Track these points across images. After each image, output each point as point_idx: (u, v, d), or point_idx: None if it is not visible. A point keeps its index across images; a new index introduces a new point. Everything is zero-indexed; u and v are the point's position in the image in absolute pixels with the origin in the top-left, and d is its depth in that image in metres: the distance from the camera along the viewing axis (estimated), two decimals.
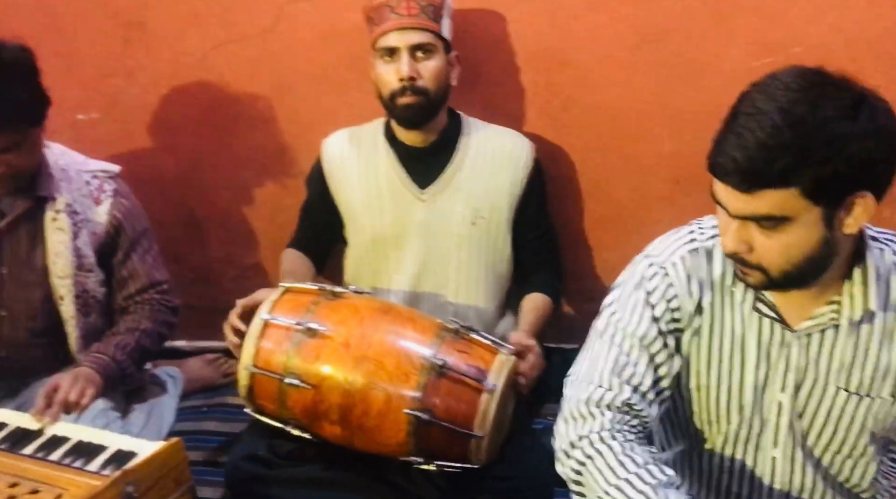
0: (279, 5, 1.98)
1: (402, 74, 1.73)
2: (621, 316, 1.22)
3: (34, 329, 1.78)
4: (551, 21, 1.92)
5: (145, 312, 1.83)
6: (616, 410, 1.16)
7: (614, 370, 1.18)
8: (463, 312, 1.89)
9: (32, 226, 1.73)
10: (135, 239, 1.83)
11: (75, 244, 1.75)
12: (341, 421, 1.52)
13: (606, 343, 1.21)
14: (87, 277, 1.79)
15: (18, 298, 1.76)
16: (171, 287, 1.89)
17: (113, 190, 1.80)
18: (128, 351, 1.75)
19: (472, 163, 1.85)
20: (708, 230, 1.23)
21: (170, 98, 2.09)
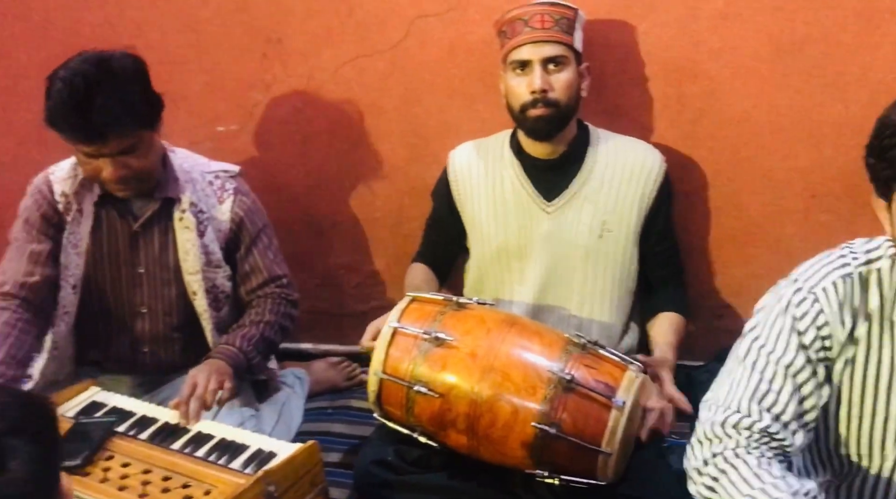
0: (410, 20, 2.02)
1: (535, 87, 1.74)
2: (765, 342, 1.17)
3: (172, 324, 1.88)
4: (683, 32, 1.88)
5: (268, 305, 1.90)
6: (753, 432, 1.12)
7: (754, 397, 1.14)
8: (587, 326, 1.87)
9: (163, 226, 1.82)
10: (255, 235, 1.90)
11: (202, 242, 1.83)
12: (468, 431, 1.53)
13: (748, 369, 1.17)
14: (216, 273, 1.87)
15: (156, 296, 1.86)
16: (290, 281, 1.96)
17: (234, 188, 1.88)
18: (253, 342, 1.83)
19: (601, 174, 1.84)
20: (861, 255, 1.17)
21: (303, 111, 2.18)
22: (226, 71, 2.16)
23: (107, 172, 1.66)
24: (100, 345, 1.91)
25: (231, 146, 2.23)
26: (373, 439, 1.71)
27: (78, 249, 1.81)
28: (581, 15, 1.79)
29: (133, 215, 1.81)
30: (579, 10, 1.78)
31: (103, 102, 1.56)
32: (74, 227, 1.80)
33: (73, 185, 1.79)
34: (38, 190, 1.82)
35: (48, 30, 2.19)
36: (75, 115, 1.57)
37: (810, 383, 1.14)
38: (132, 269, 1.84)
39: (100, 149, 1.62)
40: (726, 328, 2.13)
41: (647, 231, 1.86)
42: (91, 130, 1.58)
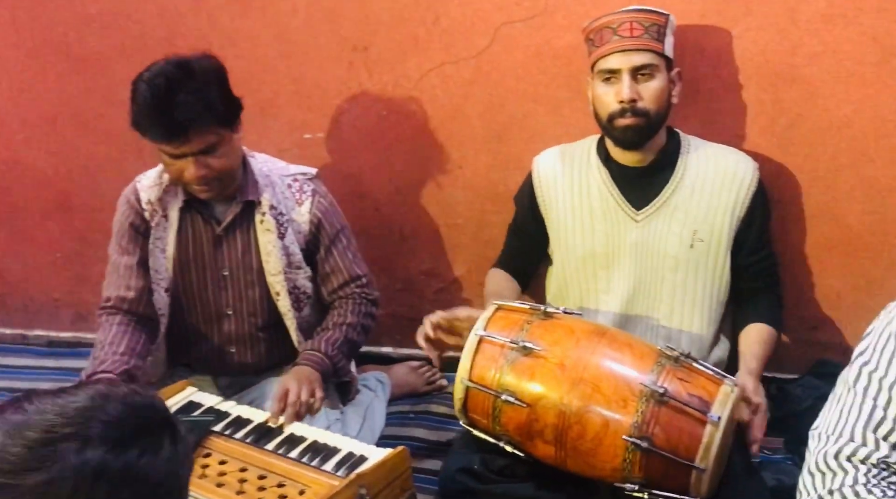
0: (496, 27, 2.02)
1: (623, 97, 1.70)
2: (876, 367, 1.12)
3: (257, 325, 1.93)
4: (781, 35, 1.82)
5: (349, 306, 1.93)
6: (871, 465, 1.07)
7: (868, 425, 1.09)
8: (676, 337, 1.83)
9: (245, 229, 1.86)
10: (334, 236, 1.93)
11: (283, 243, 1.86)
12: (556, 442, 1.52)
13: (859, 395, 1.12)
14: (297, 274, 1.90)
15: (241, 297, 1.91)
16: (370, 280, 1.98)
17: (312, 190, 1.90)
18: (338, 345, 1.86)
19: (692, 183, 1.79)
20: None
21: (387, 118, 2.20)
22: (313, 79, 2.20)
23: (189, 172, 1.70)
24: (189, 346, 1.98)
25: (316, 153, 2.27)
26: (458, 447, 1.71)
27: (165, 254, 1.87)
28: (672, 20, 1.74)
29: (216, 220, 1.86)
30: (671, 16, 1.73)
31: (184, 100, 1.62)
32: (161, 232, 1.86)
33: (158, 192, 1.85)
34: (126, 199, 1.90)
35: (144, 40, 2.27)
36: (158, 113, 1.63)
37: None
38: (217, 272, 1.89)
39: (182, 148, 1.67)
40: (822, 341, 2.05)
41: (741, 241, 1.80)
42: (173, 128, 1.63)
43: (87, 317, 2.60)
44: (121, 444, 0.79)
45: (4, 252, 2.61)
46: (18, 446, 0.76)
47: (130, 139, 2.35)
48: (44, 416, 0.78)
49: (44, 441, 0.77)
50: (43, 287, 2.63)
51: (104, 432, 0.79)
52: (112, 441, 0.79)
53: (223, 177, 1.76)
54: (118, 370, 1.74)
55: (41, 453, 0.76)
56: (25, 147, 2.47)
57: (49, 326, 2.67)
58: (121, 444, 0.79)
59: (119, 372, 1.73)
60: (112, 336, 1.82)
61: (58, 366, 2.53)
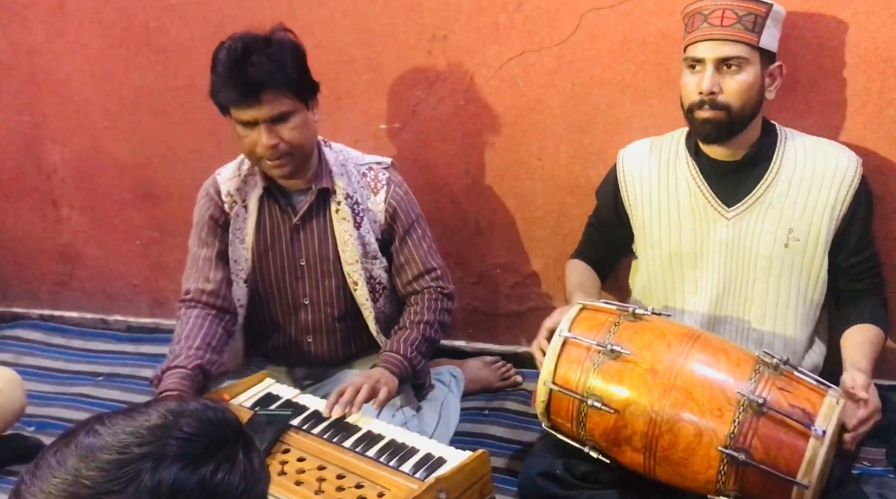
0: (581, 13, 1.94)
1: (703, 88, 1.62)
2: None
3: (334, 315, 1.92)
4: (894, 19, 1.69)
5: (425, 302, 1.90)
6: None
7: None
8: (768, 341, 1.75)
9: (321, 219, 1.86)
10: (409, 225, 1.90)
11: (359, 232, 1.85)
12: (644, 450, 1.46)
13: None
14: (373, 264, 1.89)
15: (317, 287, 1.90)
16: (444, 273, 1.95)
17: (387, 179, 1.88)
18: (416, 346, 1.83)
19: (788, 179, 1.69)
20: None
21: (465, 108, 2.15)
22: (391, 68, 2.16)
23: (262, 141, 1.69)
24: (267, 336, 1.98)
25: (393, 144, 2.24)
26: (539, 450, 1.67)
27: (245, 244, 1.87)
28: (778, 10, 1.63)
29: (293, 209, 1.86)
30: (775, 6, 1.62)
31: (258, 61, 1.65)
32: (240, 222, 1.86)
33: (238, 182, 1.86)
34: (206, 192, 1.91)
35: (224, 29, 2.25)
36: (233, 74, 1.66)
37: None
38: (294, 261, 1.88)
39: (254, 111, 1.67)
40: None
41: (841, 241, 1.70)
42: (246, 88, 1.65)
43: (165, 303, 2.64)
44: (195, 460, 0.78)
45: (86, 239, 2.67)
46: (93, 470, 0.75)
47: (210, 128, 2.39)
48: (117, 437, 0.78)
49: (119, 463, 0.76)
50: (122, 273, 2.68)
51: (178, 450, 0.78)
52: (186, 458, 0.78)
53: (295, 152, 1.74)
54: (191, 365, 1.74)
55: (116, 475, 0.75)
56: (107, 136, 2.51)
57: (128, 311, 2.72)
58: (195, 460, 0.78)
59: (192, 367, 1.74)
60: (189, 330, 1.83)
61: (137, 351, 2.57)
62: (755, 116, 1.68)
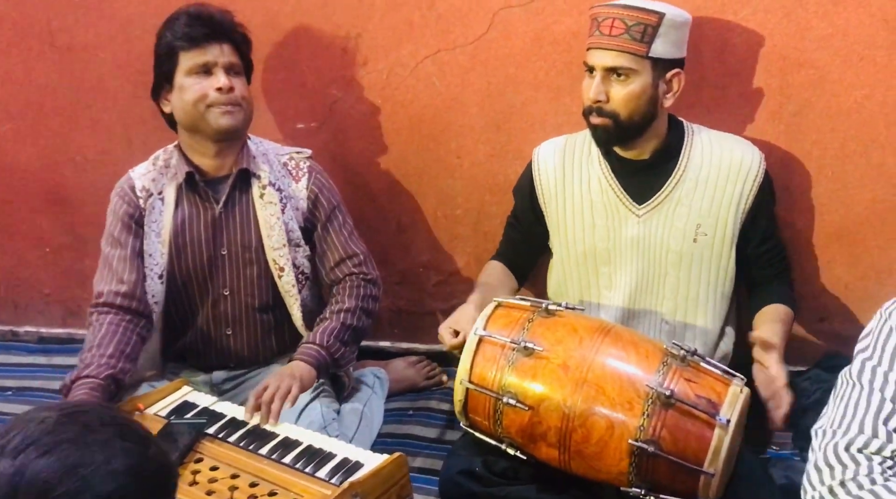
0: (493, 11, 1.95)
1: (590, 96, 1.65)
2: (879, 362, 1.09)
3: (255, 305, 1.89)
4: (788, 19, 1.75)
5: (346, 290, 1.88)
6: (885, 457, 1.03)
7: (878, 417, 1.06)
8: (680, 332, 1.79)
9: (244, 205, 1.84)
10: (330, 212, 1.90)
11: (283, 219, 1.84)
12: (559, 444, 1.48)
13: (866, 388, 1.09)
14: (297, 252, 1.87)
15: (238, 276, 1.87)
16: (367, 259, 1.94)
17: (308, 167, 1.90)
18: (335, 335, 1.81)
19: (695, 176, 1.73)
20: None
21: (382, 107, 2.13)
22: (305, 67, 2.13)
23: (219, 82, 1.74)
24: (184, 333, 1.93)
25: (310, 143, 2.19)
26: (458, 449, 1.67)
27: (161, 237, 1.84)
28: (674, 18, 1.62)
29: (215, 198, 1.83)
30: (669, 14, 1.61)
31: (219, 14, 1.80)
32: (156, 215, 1.83)
33: (153, 175, 1.84)
34: (120, 190, 1.87)
35: (131, 29, 2.20)
36: (198, 16, 1.76)
37: None
38: (215, 251, 1.85)
39: (216, 52, 1.76)
40: (830, 332, 2.01)
41: (748, 233, 1.75)
42: (212, 26, 1.76)
43: (79, 313, 2.55)
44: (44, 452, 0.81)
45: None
46: None
47: (120, 131, 2.32)
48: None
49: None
50: (32, 282, 2.58)
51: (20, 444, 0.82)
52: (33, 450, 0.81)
53: (244, 106, 1.79)
54: (102, 374, 1.69)
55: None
56: (11, 139, 2.40)
57: (39, 322, 2.62)
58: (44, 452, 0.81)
59: (104, 376, 1.68)
60: (101, 337, 1.77)
61: (49, 363, 2.48)
62: (649, 123, 1.69)
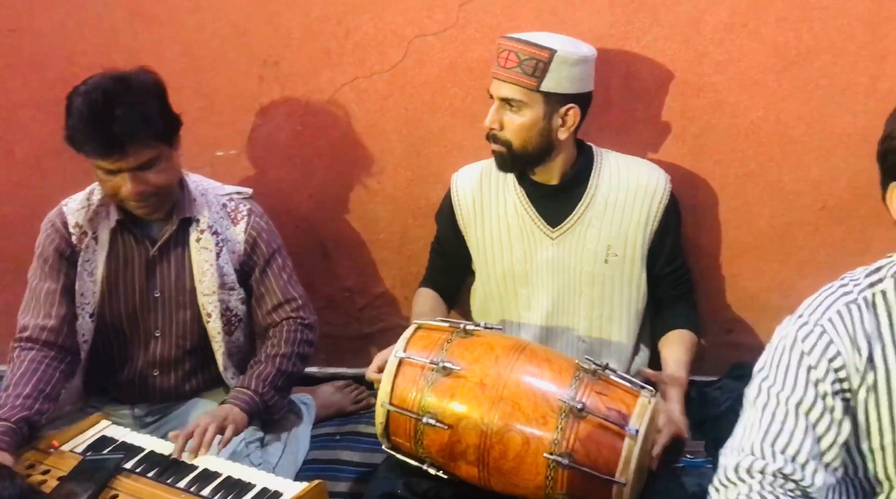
0: (408, 40, 2.00)
1: (485, 123, 1.72)
2: (773, 381, 1.14)
3: (185, 347, 1.87)
4: (687, 46, 1.85)
5: (282, 335, 1.88)
6: (769, 475, 1.09)
7: (766, 439, 1.12)
8: (596, 349, 1.85)
9: (180, 249, 1.82)
10: (269, 256, 1.89)
11: (218, 263, 1.82)
12: (478, 462, 1.50)
13: (759, 411, 1.14)
14: (230, 295, 1.86)
15: (171, 319, 1.85)
16: (305, 303, 1.93)
17: (248, 210, 1.87)
18: (269, 381, 1.80)
19: (605, 199, 1.80)
20: (862, 280, 1.15)
21: (302, 134, 2.15)
22: (223, 95, 2.14)
23: (126, 188, 1.65)
24: (111, 371, 1.90)
25: (230, 171, 2.21)
26: (381, 472, 1.68)
27: (93, 277, 1.80)
28: (563, 56, 1.65)
29: (150, 240, 1.81)
30: (558, 51, 1.64)
31: (122, 114, 1.58)
32: (89, 255, 1.79)
33: (87, 213, 1.79)
34: (52, 224, 1.82)
35: (43, 59, 2.16)
36: (95, 128, 1.58)
37: (825, 420, 1.11)
38: (148, 293, 1.83)
39: (119, 163, 1.62)
40: (738, 342, 2.10)
41: (655, 253, 1.83)
42: (111, 142, 1.59)
43: None
44: None
45: None
46: None
47: (33, 162, 2.27)
48: None
49: None
50: None
51: None
52: None
53: (160, 193, 1.71)
54: (15, 417, 1.63)
55: None
56: None
57: None
58: None
59: (16, 419, 1.62)
60: (20, 376, 1.72)
61: None
62: (545, 153, 1.74)
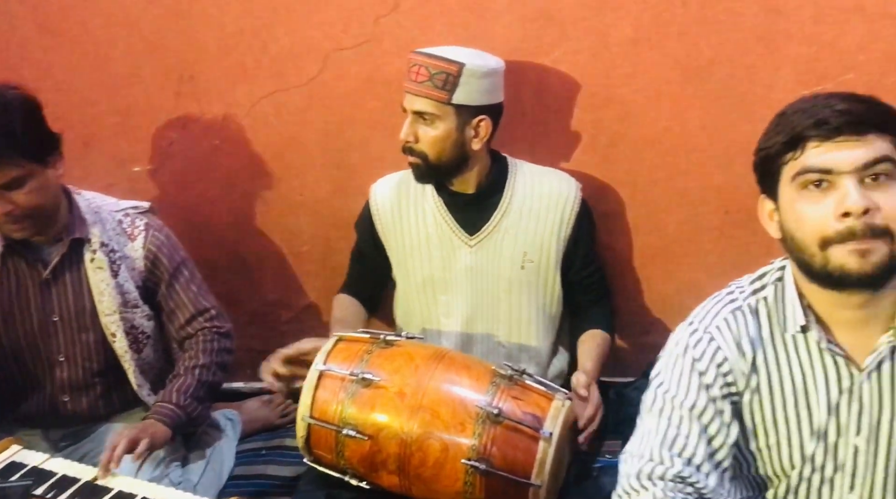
0: (325, 53, 2.01)
1: (401, 136, 1.76)
2: (668, 387, 1.20)
3: (93, 370, 1.83)
4: (595, 59, 1.91)
5: (199, 345, 1.86)
6: (668, 480, 1.14)
7: (664, 444, 1.16)
8: (516, 354, 1.89)
9: (75, 271, 1.77)
10: (174, 270, 1.86)
11: (117, 281, 1.79)
12: (399, 471, 1.53)
13: (655, 416, 1.19)
14: (134, 313, 1.83)
15: (74, 343, 1.81)
16: (219, 312, 1.92)
17: (145, 224, 1.84)
18: (189, 393, 1.79)
19: (520, 206, 1.85)
20: (747, 288, 1.22)
21: (221, 148, 2.14)
22: (139, 110, 2.11)
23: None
24: (18, 400, 1.84)
25: (148, 186, 2.18)
26: (304, 485, 1.69)
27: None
28: (472, 69, 1.70)
29: (43, 262, 1.76)
30: (467, 65, 1.69)
31: None
32: None
33: None
34: None
35: None
36: None
37: (716, 422, 1.17)
38: (46, 318, 1.78)
39: None
40: (654, 344, 2.16)
41: (569, 259, 1.88)
42: None
43: None
44: None
45: None
46: None
47: None
48: None
49: None
50: None
51: None
52: None
53: (34, 215, 1.66)
54: None
55: None
56: None
57: None
58: None
59: None
60: None
61: None
62: (462, 163, 1.79)
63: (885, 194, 1.04)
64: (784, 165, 1.11)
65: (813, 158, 1.07)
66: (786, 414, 1.18)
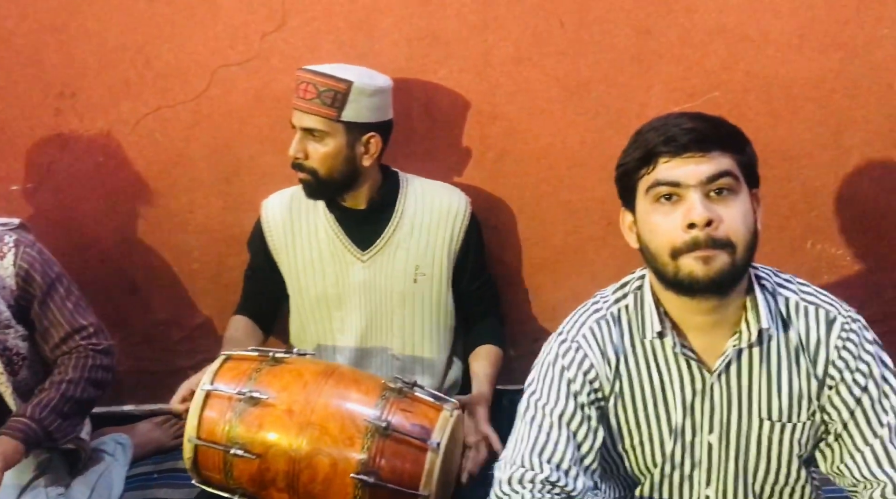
0: (211, 69, 1.99)
1: (290, 152, 1.77)
2: (540, 395, 1.25)
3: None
4: (480, 77, 1.97)
5: (70, 361, 1.79)
6: (536, 484, 1.19)
7: (534, 450, 1.21)
8: (410, 366, 1.92)
9: None
10: (48, 287, 1.79)
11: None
12: (288, 488, 1.52)
13: (528, 424, 1.24)
14: (6, 334, 1.75)
15: None
16: (98, 329, 1.85)
17: (14, 241, 1.76)
18: (51, 407, 1.72)
19: (411, 221, 1.88)
20: (610, 297, 1.29)
21: (105, 165, 2.09)
22: (16, 128, 2.03)
23: None
24: None
25: (29, 205, 2.10)
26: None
27: None
28: (361, 87, 1.73)
29: None
30: (355, 83, 1.72)
31: None
32: None
33: None
34: None
35: None
36: None
37: (583, 428, 1.23)
38: None
39: None
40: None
41: (460, 271, 1.92)
42: None
43: None
44: None
45: None
46: None
47: None
48: None
49: None
50: None
51: None
52: None
53: None
54: None
55: None
56: None
57: None
58: None
59: None
60: None
61: None
62: (353, 179, 1.81)
63: (727, 208, 1.13)
64: (639, 180, 1.18)
65: (663, 172, 1.14)
66: (647, 415, 1.25)
